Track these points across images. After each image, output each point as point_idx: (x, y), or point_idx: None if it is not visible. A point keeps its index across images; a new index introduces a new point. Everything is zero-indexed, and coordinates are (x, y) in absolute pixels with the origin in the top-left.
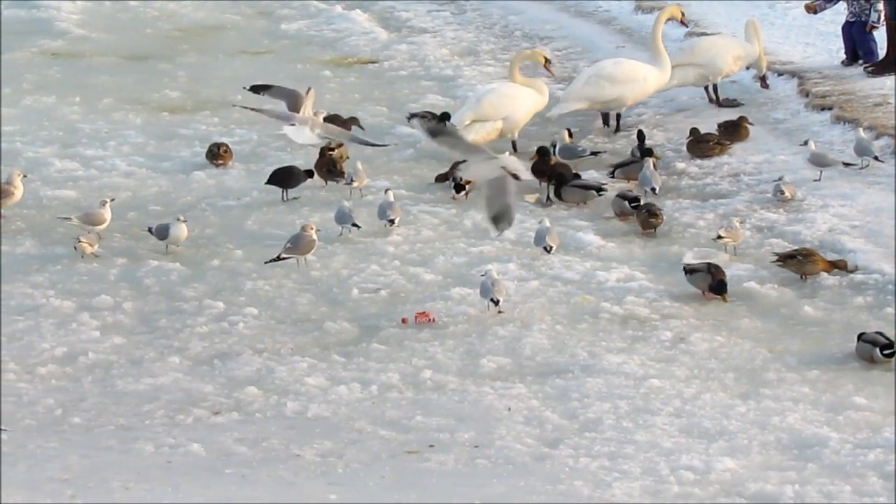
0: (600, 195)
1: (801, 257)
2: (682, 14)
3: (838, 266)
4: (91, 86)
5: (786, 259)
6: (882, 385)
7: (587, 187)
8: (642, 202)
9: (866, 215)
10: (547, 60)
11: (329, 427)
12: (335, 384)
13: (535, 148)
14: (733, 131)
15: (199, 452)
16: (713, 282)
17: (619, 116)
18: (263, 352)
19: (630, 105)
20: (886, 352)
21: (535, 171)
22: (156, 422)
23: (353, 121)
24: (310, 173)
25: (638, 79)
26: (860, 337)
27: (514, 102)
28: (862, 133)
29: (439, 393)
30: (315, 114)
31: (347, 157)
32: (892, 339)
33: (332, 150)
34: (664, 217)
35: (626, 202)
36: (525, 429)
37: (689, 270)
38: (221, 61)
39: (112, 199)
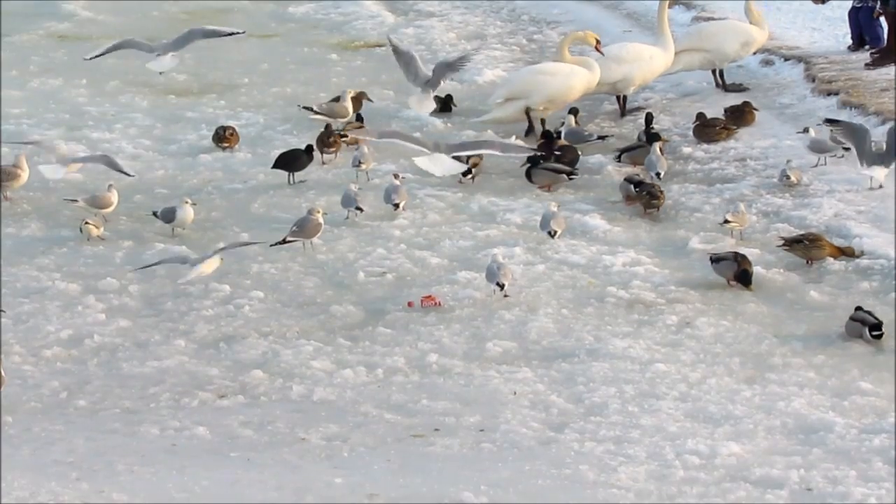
0: (570, 179)
1: (807, 242)
2: (597, 41)
3: (845, 253)
4: (97, 68)
5: (792, 244)
6: (888, 370)
7: (557, 171)
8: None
9: (872, 200)
10: (598, 41)
11: (334, 411)
12: (341, 368)
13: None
14: (739, 116)
15: (205, 436)
16: (738, 270)
17: (625, 100)
18: (269, 335)
19: (638, 85)
20: (875, 332)
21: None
22: (161, 405)
23: (363, 95)
24: (309, 150)
25: (644, 58)
26: (852, 315)
27: (547, 79)
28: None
29: (445, 377)
30: (338, 98)
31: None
32: (881, 319)
33: (344, 135)
34: (666, 198)
35: (633, 186)
36: (531, 413)
37: (716, 259)
38: (228, 44)
39: (110, 184)
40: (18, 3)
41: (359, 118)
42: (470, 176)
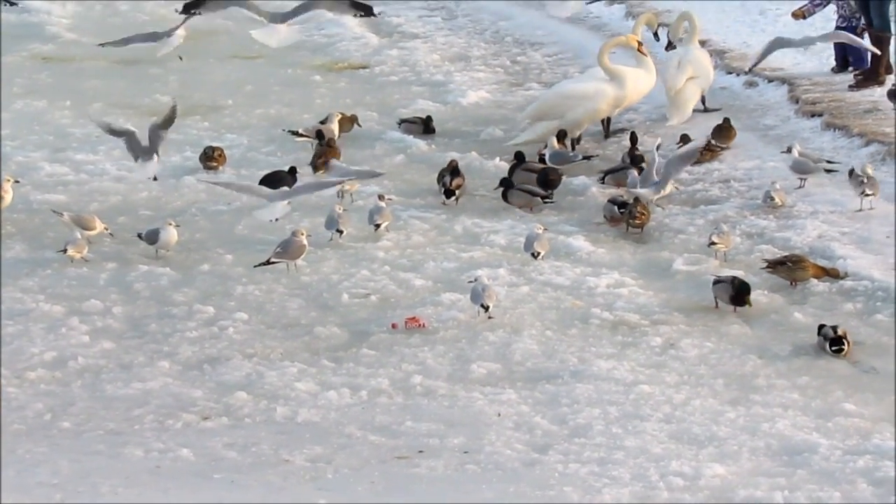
0: (545, 203)
1: (790, 263)
2: (639, 43)
3: (830, 273)
4: (81, 90)
5: (776, 266)
6: (872, 391)
7: (533, 193)
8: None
9: (856, 222)
10: (640, 44)
11: (319, 432)
12: (325, 389)
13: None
14: (721, 133)
15: (189, 457)
16: (732, 292)
17: (608, 121)
18: (253, 357)
19: (623, 108)
20: (835, 347)
21: (511, 176)
22: (145, 426)
23: (354, 118)
24: (293, 171)
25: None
26: (819, 329)
27: (573, 103)
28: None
29: (429, 398)
30: (326, 120)
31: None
32: (843, 334)
33: (331, 146)
34: (649, 217)
35: (616, 207)
36: (515, 434)
37: (716, 281)
38: (213, 66)
39: (111, 234)
40: (3, 24)
41: (318, 135)
42: (454, 197)
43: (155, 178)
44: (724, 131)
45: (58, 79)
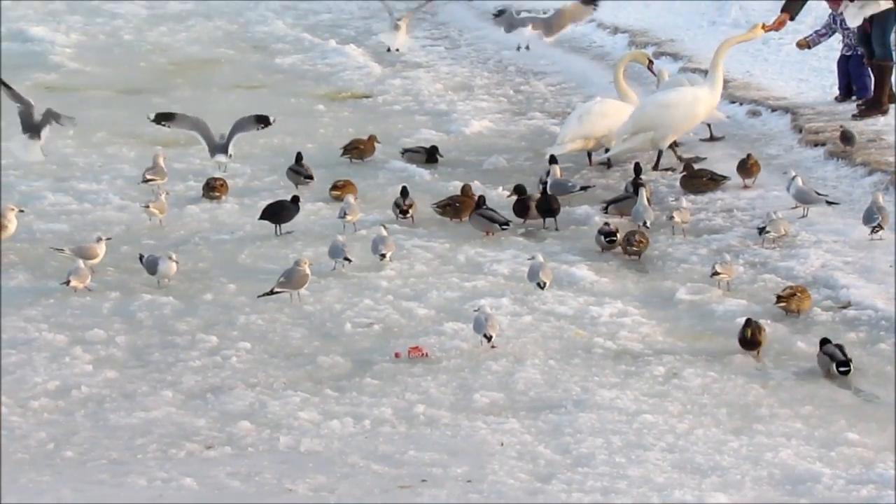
0: (503, 229)
1: (799, 294)
2: (650, 61)
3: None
4: (85, 119)
5: (788, 299)
6: (875, 421)
7: (493, 220)
8: (621, 232)
9: (859, 251)
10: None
11: (322, 461)
12: (328, 418)
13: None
14: (744, 169)
15: (192, 487)
16: (741, 335)
17: (608, 152)
18: (256, 386)
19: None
20: (842, 369)
21: (517, 209)
22: (148, 456)
23: (373, 138)
24: (296, 200)
25: (623, 111)
26: (821, 346)
27: (669, 112)
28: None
29: (432, 427)
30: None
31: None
32: (849, 356)
33: (349, 182)
34: (648, 244)
35: (603, 237)
36: (518, 464)
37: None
38: (216, 95)
39: (108, 238)
40: (5, 53)
41: (299, 158)
42: (409, 215)
43: (37, 158)
44: (747, 167)
45: (61, 108)
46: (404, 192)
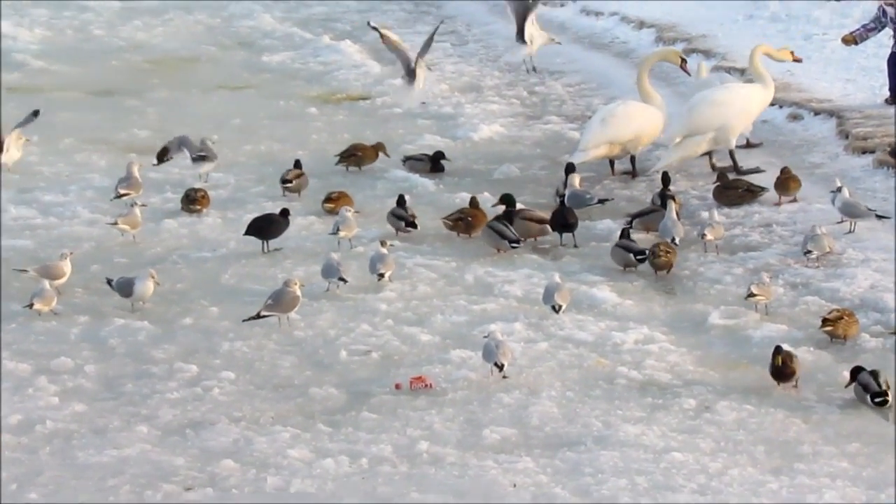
0: (512, 247)
1: (846, 318)
2: (682, 60)
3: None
4: (51, 124)
5: (835, 322)
6: None
7: (503, 235)
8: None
9: None
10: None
11: None
12: (321, 457)
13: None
14: (782, 185)
15: None
16: (772, 365)
17: (633, 160)
18: (241, 420)
19: (646, 144)
20: (878, 400)
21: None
22: (121, 498)
23: (380, 146)
24: (285, 213)
25: (649, 114)
26: (855, 374)
27: (726, 110)
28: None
29: (437, 467)
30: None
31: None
32: (885, 383)
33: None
34: (674, 254)
35: (632, 255)
36: None
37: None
38: (196, 97)
39: (71, 253)
40: None
41: (297, 164)
42: (416, 226)
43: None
44: (785, 183)
45: (24, 111)
46: (401, 202)
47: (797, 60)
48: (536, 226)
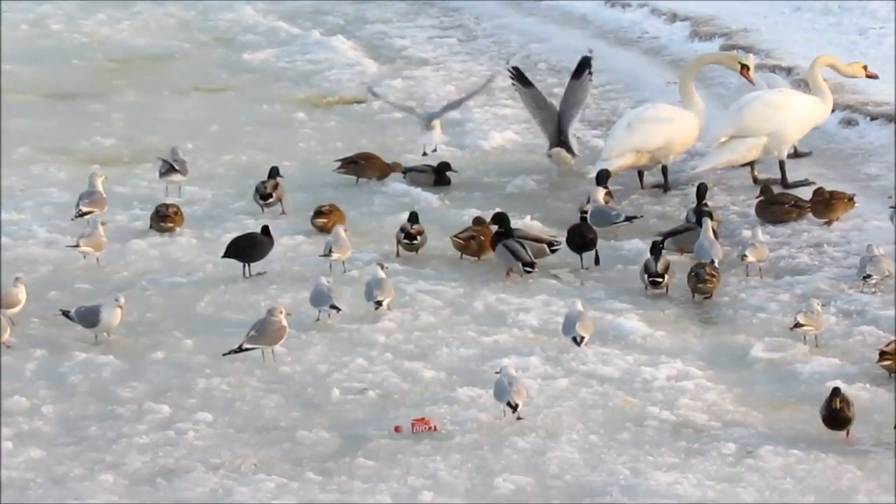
0: (526, 271)
1: None
2: (744, 67)
3: None
4: (3, 131)
5: (894, 356)
6: None
7: (517, 255)
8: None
9: None
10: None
11: None
12: None
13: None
14: (818, 208)
15: None
16: (826, 409)
17: (665, 171)
18: (219, 468)
19: (678, 153)
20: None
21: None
22: None
23: (396, 167)
24: (267, 232)
25: (682, 119)
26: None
27: (783, 113)
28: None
29: None
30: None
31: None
32: None
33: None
34: (718, 279)
35: (648, 277)
36: None
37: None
38: (168, 100)
39: (17, 277)
40: None
41: (273, 173)
42: (415, 244)
43: None
44: (823, 205)
45: None
46: (413, 219)
47: (872, 76)
48: (535, 245)
